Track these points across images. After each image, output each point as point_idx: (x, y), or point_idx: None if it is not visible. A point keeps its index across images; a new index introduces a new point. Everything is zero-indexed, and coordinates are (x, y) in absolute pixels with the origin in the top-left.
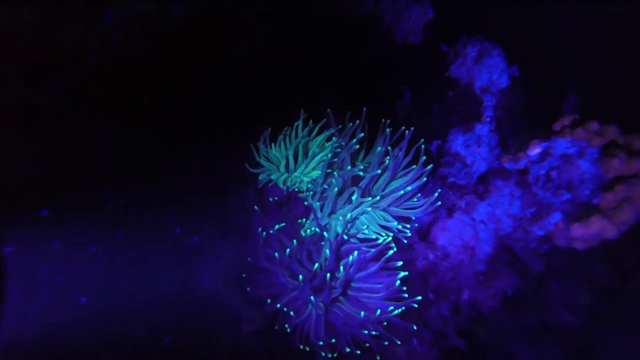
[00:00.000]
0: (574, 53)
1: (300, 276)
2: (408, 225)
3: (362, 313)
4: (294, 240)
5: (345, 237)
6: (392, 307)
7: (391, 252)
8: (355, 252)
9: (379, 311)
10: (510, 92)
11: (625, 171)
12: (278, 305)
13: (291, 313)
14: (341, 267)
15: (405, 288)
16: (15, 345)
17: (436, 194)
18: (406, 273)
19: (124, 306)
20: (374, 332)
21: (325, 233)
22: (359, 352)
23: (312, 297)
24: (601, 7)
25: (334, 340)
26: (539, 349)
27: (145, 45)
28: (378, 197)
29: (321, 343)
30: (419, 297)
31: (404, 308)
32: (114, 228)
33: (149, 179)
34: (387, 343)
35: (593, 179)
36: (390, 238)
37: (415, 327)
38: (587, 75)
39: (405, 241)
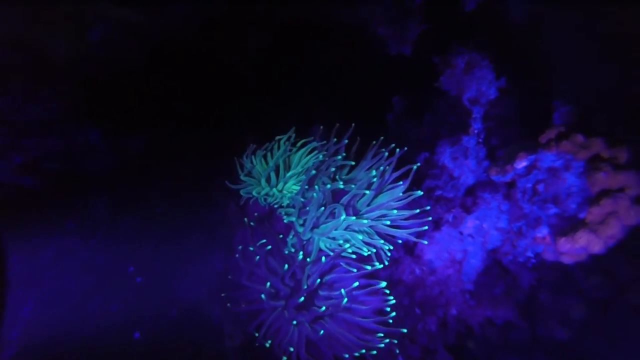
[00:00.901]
0: (564, 63)
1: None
2: (391, 247)
3: (346, 334)
4: (278, 259)
5: (331, 254)
6: (381, 334)
7: (380, 283)
8: (354, 282)
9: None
10: (499, 103)
11: (611, 184)
12: (259, 323)
13: (271, 332)
14: (318, 283)
15: (391, 304)
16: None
17: (426, 227)
18: (392, 299)
19: (110, 318)
20: (357, 354)
21: (300, 255)
22: None
23: (293, 316)
24: (593, 15)
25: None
26: None
27: (133, 54)
28: (365, 222)
29: None
30: (404, 330)
31: (388, 328)
32: (103, 238)
33: (139, 188)
34: None
35: (579, 193)
36: (381, 265)
37: (397, 351)
38: (577, 85)
39: (387, 263)
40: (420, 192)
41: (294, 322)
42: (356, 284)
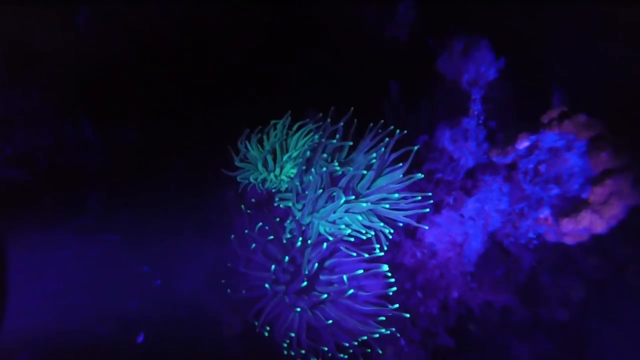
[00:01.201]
0: (562, 46)
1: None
2: (392, 230)
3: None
4: (277, 245)
5: (330, 238)
6: (382, 318)
7: (381, 267)
8: (354, 266)
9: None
10: (499, 85)
11: (613, 164)
12: (259, 309)
13: (271, 318)
14: (317, 268)
15: (393, 290)
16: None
17: (427, 209)
18: (393, 280)
19: (105, 311)
20: (356, 343)
21: (300, 240)
22: (344, 356)
23: (294, 302)
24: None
25: (317, 345)
26: (532, 343)
27: (123, 45)
28: (364, 205)
29: (303, 352)
30: (407, 315)
31: (390, 314)
32: (96, 232)
33: (133, 181)
34: (369, 351)
35: (582, 173)
36: (380, 250)
37: (398, 335)
38: (575, 68)
39: (386, 247)
40: (420, 175)
41: (298, 310)
42: (360, 271)
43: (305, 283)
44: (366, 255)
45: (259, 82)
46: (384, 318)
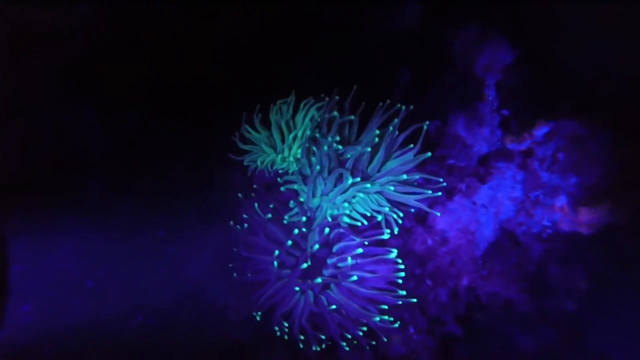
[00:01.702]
0: (577, 34)
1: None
2: (402, 214)
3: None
4: (283, 228)
5: (330, 220)
6: (385, 307)
7: (390, 252)
8: (359, 251)
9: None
10: (514, 71)
11: (635, 153)
12: (262, 293)
13: (274, 302)
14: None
15: (402, 275)
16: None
17: (440, 193)
18: (402, 267)
19: (110, 298)
20: (361, 332)
21: (304, 221)
22: (347, 347)
23: (298, 287)
24: None
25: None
26: (535, 333)
27: (125, 34)
28: (368, 185)
29: (302, 337)
30: (414, 300)
31: (400, 302)
32: (100, 221)
33: (136, 168)
34: (374, 343)
35: (602, 161)
36: (391, 234)
37: (397, 325)
38: (589, 58)
39: (397, 231)
40: (429, 154)
41: (297, 289)
42: (360, 250)
43: (308, 263)
44: (366, 243)
45: (262, 73)
46: (386, 307)
